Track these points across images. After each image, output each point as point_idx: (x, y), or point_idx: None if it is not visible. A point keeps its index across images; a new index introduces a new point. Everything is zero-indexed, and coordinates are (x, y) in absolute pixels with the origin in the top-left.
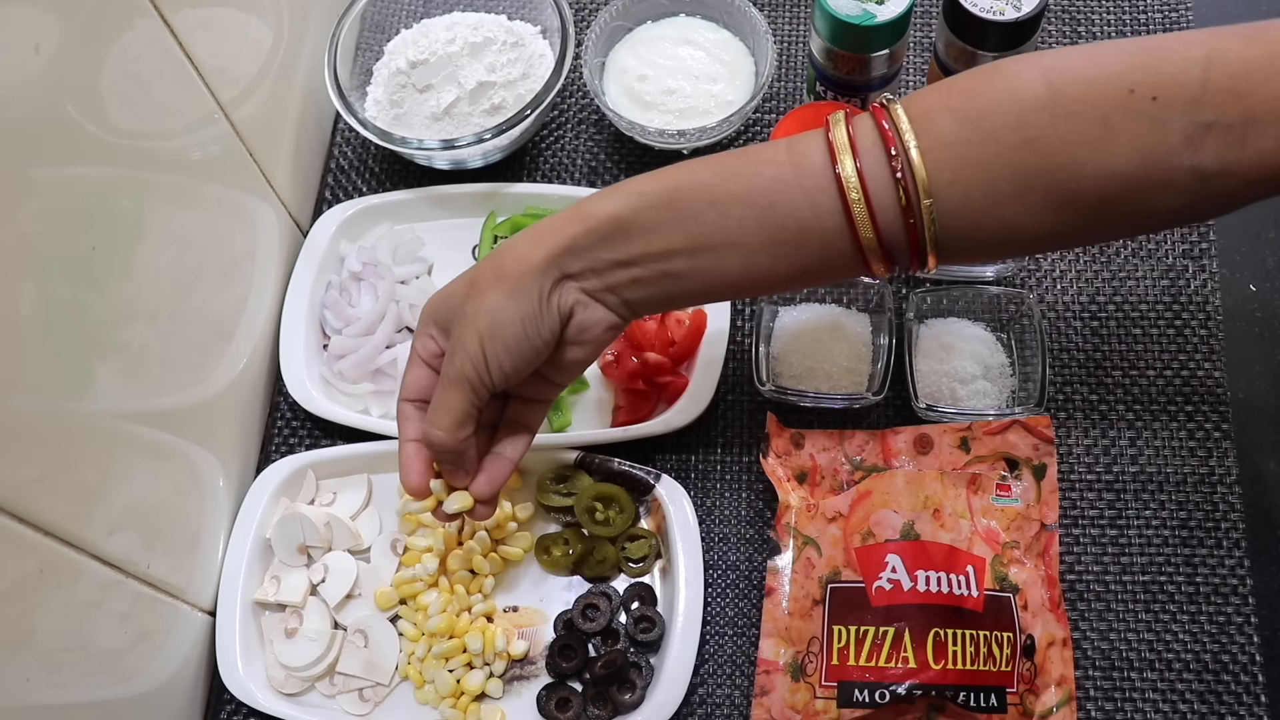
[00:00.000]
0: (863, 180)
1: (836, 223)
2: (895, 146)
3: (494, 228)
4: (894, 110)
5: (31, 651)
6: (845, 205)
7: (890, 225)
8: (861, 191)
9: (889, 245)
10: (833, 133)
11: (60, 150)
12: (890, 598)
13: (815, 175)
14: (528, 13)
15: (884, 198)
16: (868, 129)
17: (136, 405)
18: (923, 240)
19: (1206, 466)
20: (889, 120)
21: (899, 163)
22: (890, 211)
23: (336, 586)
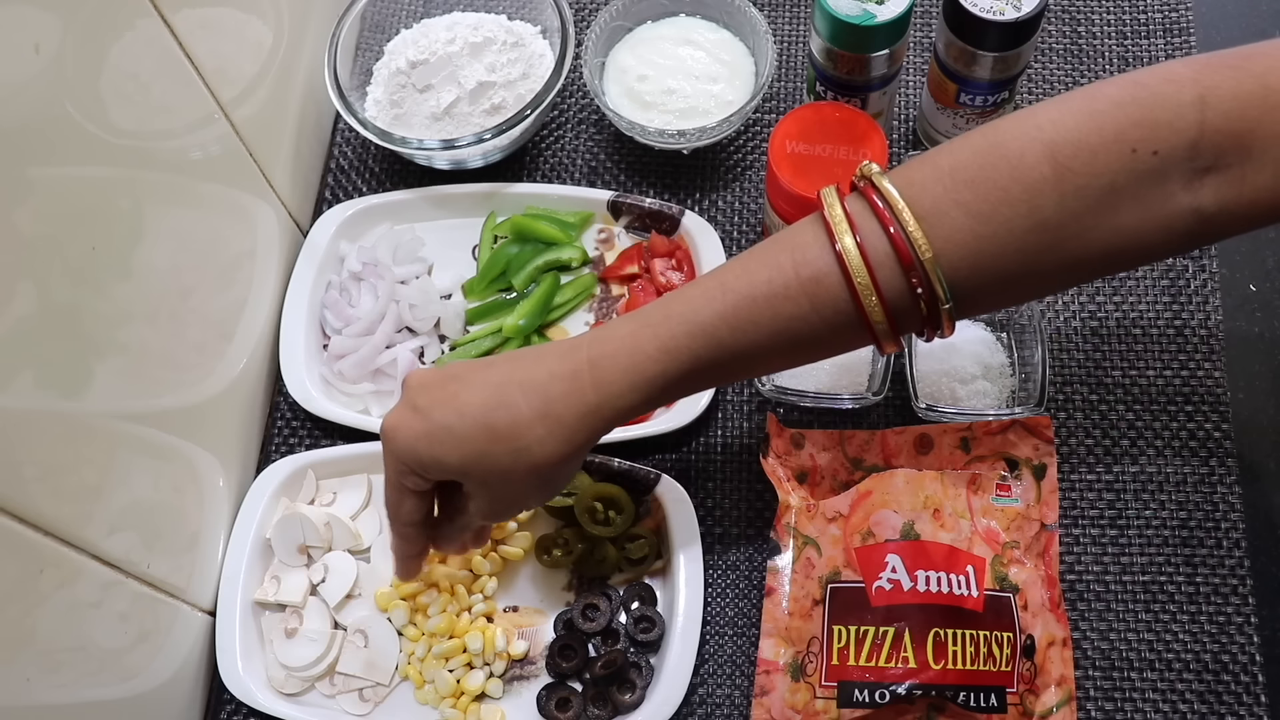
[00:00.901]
0: (886, 309)
1: (859, 338)
2: (913, 263)
3: (494, 228)
4: (907, 225)
5: (31, 651)
6: (872, 335)
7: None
8: (886, 320)
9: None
10: (830, 215)
11: (60, 150)
12: (890, 598)
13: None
14: (528, 13)
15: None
16: (881, 247)
17: (136, 405)
18: (935, 309)
19: (1207, 466)
20: (906, 238)
21: (918, 280)
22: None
23: (336, 586)
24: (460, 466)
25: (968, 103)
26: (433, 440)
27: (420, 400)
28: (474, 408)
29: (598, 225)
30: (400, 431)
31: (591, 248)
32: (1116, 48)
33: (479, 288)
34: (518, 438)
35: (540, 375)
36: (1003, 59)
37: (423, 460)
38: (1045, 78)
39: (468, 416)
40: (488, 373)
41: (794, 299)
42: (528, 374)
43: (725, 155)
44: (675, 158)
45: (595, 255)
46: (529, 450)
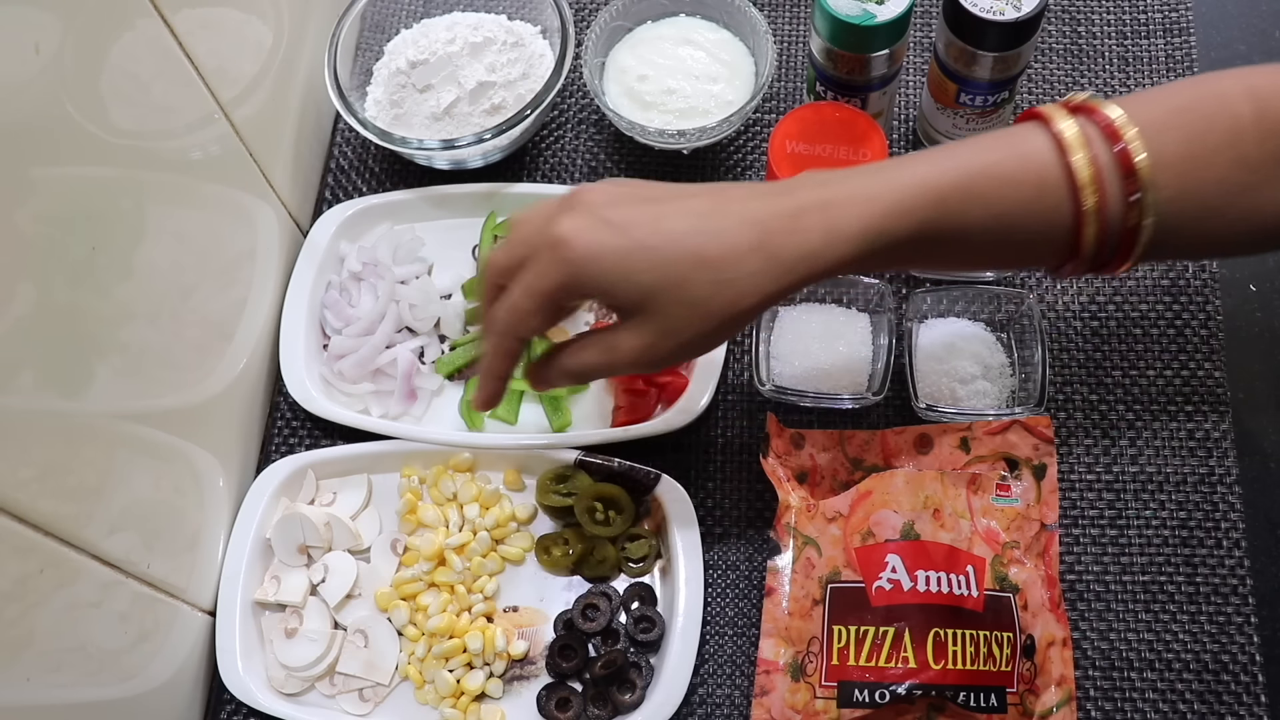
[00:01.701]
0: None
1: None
2: (1130, 172)
3: (494, 228)
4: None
5: (31, 651)
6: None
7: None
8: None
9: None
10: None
11: (60, 150)
12: (890, 598)
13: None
14: (528, 13)
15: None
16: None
17: (136, 405)
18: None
19: (1206, 466)
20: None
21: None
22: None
23: (336, 586)
24: (651, 289)
25: (968, 103)
26: (627, 257)
27: (613, 215)
28: (681, 231)
29: None
30: (584, 241)
31: None
32: (1116, 48)
33: (479, 288)
34: (727, 268)
35: (758, 209)
36: (1003, 59)
37: (607, 275)
38: (1045, 78)
39: (673, 238)
40: (690, 200)
41: (1022, 184)
42: (743, 206)
43: (725, 155)
44: (675, 158)
45: None
46: (736, 282)
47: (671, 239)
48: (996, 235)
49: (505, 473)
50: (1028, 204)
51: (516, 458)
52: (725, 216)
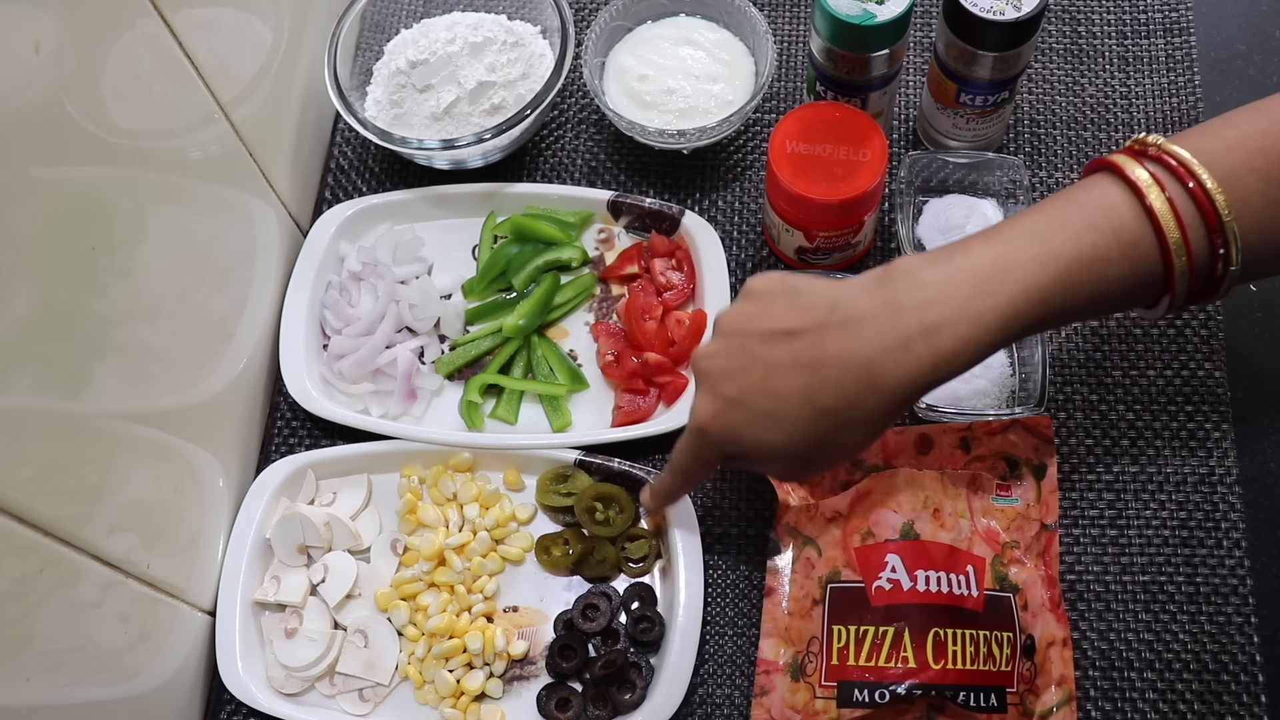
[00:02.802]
0: (1191, 265)
1: (1155, 292)
2: (1216, 227)
3: (494, 228)
4: (1207, 184)
5: (31, 651)
6: (1170, 280)
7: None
8: (1188, 268)
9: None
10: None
11: (60, 150)
12: (890, 598)
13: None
14: (528, 13)
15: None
16: (1189, 209)
17: (136, 405)
18: (1225, 280)
19: (1206, 466)
20: (1207, 197)
21: (1220, 241)
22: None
23: (336, 586)
24: (785, 447)
25: (968, 103)
26: (754, 426)
27: (729, 390)
28: (794, 391)
29: (598, 225)
30: (718, 423)
31: (591, 248)
32: (1116, 48)
33: (479, 288)
34: (847, 412)
35: (863, 348)
36: (1003, 59)
37: (745, 447)
38: (1045, 78)
39: (789, 400)
40: (794, 349)
41: (1115, 261)
42: (844, 345)
43: (725, 155)
44: (675, 158)
45: (595, 255)
46: (859, 423)
47: (786, 400)
48: (1094, 311)
49: (505, 473)
50: (1123, 277)
51: (516, 458)
52: (831, 365)
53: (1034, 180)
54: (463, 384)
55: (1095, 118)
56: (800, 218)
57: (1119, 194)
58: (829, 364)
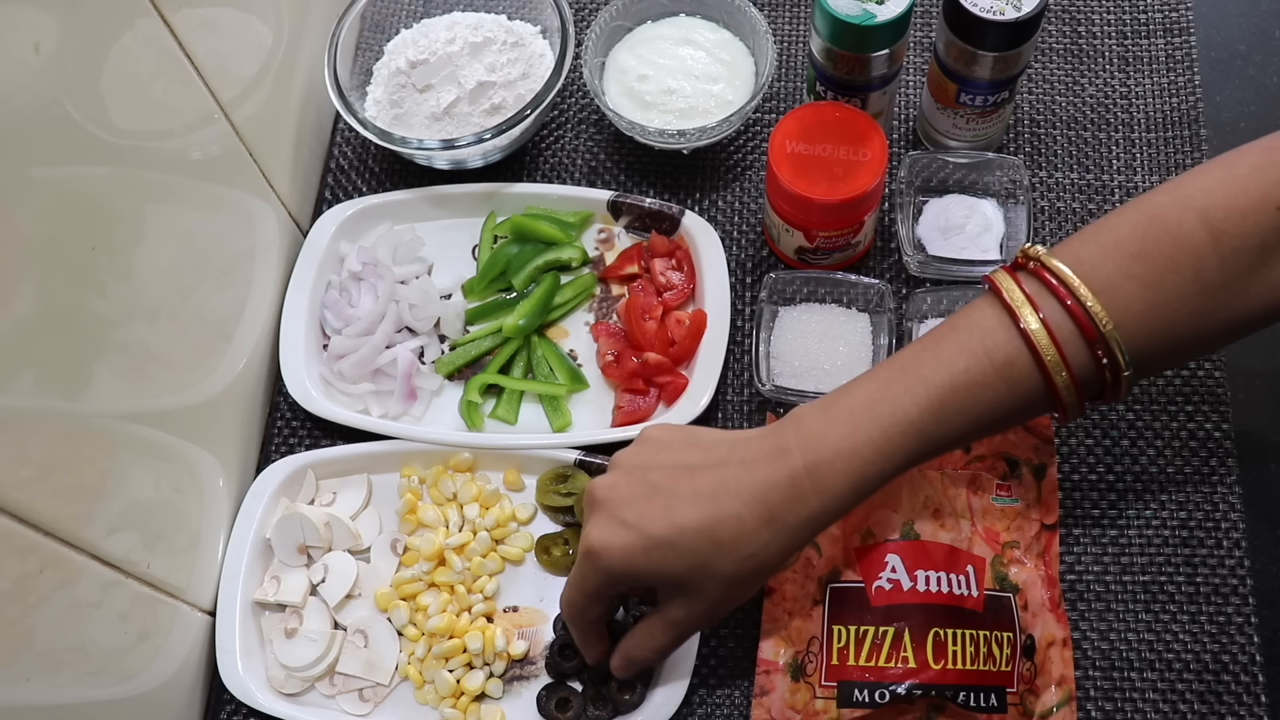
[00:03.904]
0: (1073, 381)
1: (1045, 408)
2: (1096, 338)
3: (494, 228)
4: (1078, 291)
5: (31, 651)
6: (1059, 407)
7: (1089, 381)
8: (1073, 389)
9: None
10: (1016, 307)
11: (60, 150)
12: (890, 598)
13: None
14: (528, 13)
15: (1090, 384)
16: (1062, 321)
17: (136, 405)
18: (1119, 385)
19: (1207, 466)
20: (1082, 309)
21: (1101, 351)
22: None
23: (336, 586)
24: (682, 577)
25: (968, 103)
26: (651, 555)
27: (627, 515)
28: (693, 521)
29: (598, 225)
30: (613, 548)
31: (591, 248)
32: (1116, 48)
33: (479, 288)
34: (743, 545)
35: (756, 483)
36: (1003, 59)
37: (639, 575)
38: (1045, 78)
39: (688, 530)
40: (694, 481)
41: (991, 384)
42: (742, 482)
43: (725, 155)
44: (675, 158)
45: (595, 255)
46: (756, 556)
47: (686, 532)
48: (981, 432)
49: (505, 473)
50: (1003, 399)
51: (516, 458)
52: (729, 497)
53: (1034, 180)
54: (463, 384)
55: (1095, 118)
56: (800, 218)
57: (994, 316)
58: (728, 498)
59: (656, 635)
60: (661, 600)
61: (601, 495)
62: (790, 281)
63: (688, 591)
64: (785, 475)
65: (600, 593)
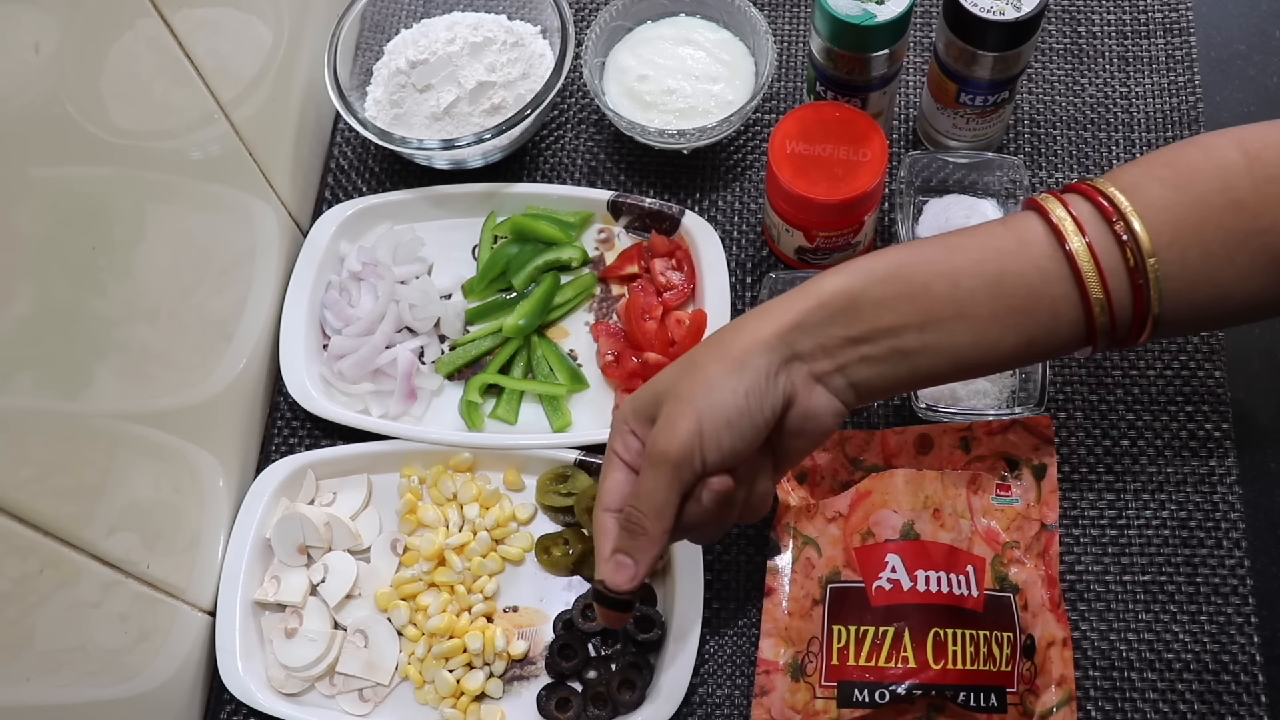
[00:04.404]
0: (1092, 251)
1: (1066, 289)
2: (1115, 216)
3: (494, 228)
4: (1104, 187)
5: (31, 651)
6: (1076, 273)
7: (1119, 289)
8: (1092, 259)
9: (1116, 310)
10: (1054, 214)
11: (60, 150)
12: (890, 598)
13: (1041, 247)
14: (528, 13)
15: (1112, 263)
16: (1083, 205)
17: (136, 405)
18: (1148, 301)
19: (1207, 466)
20: (1102, 196)
21: (1121, 227)
22: (1118, 275)
23: (336, 586)
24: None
25: (968, 103)
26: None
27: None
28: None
29: (598, 225)
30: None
31: (591, 248)
32: (1116, 48)
33: (479, 288)
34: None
35: (745, 318)
36: (1003, 59)
37: (640, 397)
38: (1045, 78)
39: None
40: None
41: (1001, 235)
42: (729, 328)
43: (725, 155)
44: (675, 158)
45: (595, 255)
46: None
47: (686, 357)
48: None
49: (505, 473)
50: (1013, 251)
51: (516, 458)
52: (723, 331)
53: (1034, 180)
54: (463, 384)
55: (1095, 118)
56: (800, 218)
57: (1028, 216)
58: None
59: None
60: None
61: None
62: (790, 282)
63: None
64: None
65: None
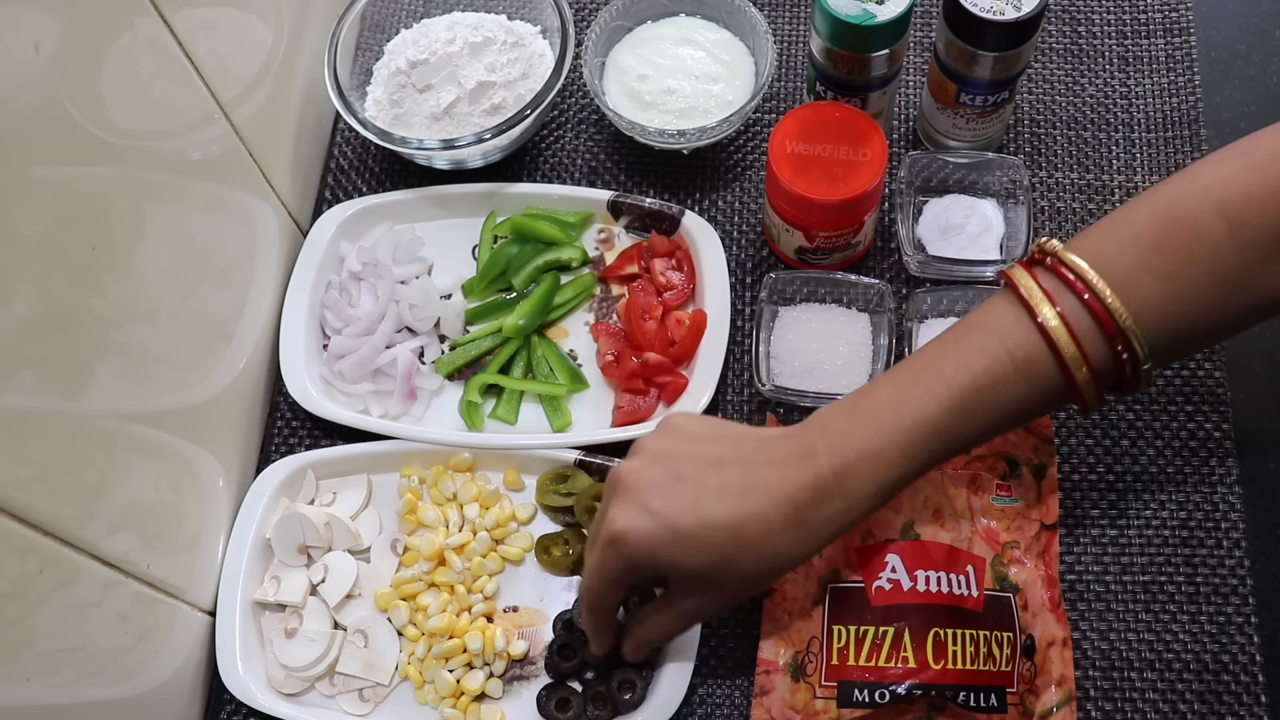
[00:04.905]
0: (1088, 364)
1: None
2: (1116, 332)
3: (494, 228)
4: (1095, 284)
5: (31, 651)
6: (1076, 392)
7: (1107, 374)
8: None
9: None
10: (1035, 305)
11: (60, 150)
12: (890, 598)
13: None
14: (528, 13)
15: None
16: (1081, 316)
17: (136, 405)
18: (1138, 377)
19: (1207, 467)
20: (1095, 297)
21: (1121, 343)
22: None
23: (336, 586)
24: (704, 571)
25: (968, 103)
26: (675, 546)
27: (654, 503)
28: (720, 516)
29: (598, 225)
30: (635, 535)
31: (591, 248)
32: (1116, 48)
33: (479, 288)
34: (767, 544)
35: (784, 483)
36: (1003, 59)
37: (660, 564)
38: (1045, 78)
39: (714, 525)
40: (722, 476)
41: (1012, 383)
42: (770, 481)
43: (725, 155)
44: (675, 158)
45: (595, 255)
46: (778, 556)
47: (712, 525)
48: (1001, 429)
49: (505, 473)
50: (1024, 397)
51: (516, 458)
52: (757, 495)
53: (1034, 180)
54: (463, 384)
55: (1095, 118)
56: (800, 218)
57: (1012, 314)
58: (755, 496)
59: (669, 623)
60: (675, 590)
61: (628, 480)
62: (790, 281)
63: (705, 584)
64: (812, 477)
65: (621, 579)
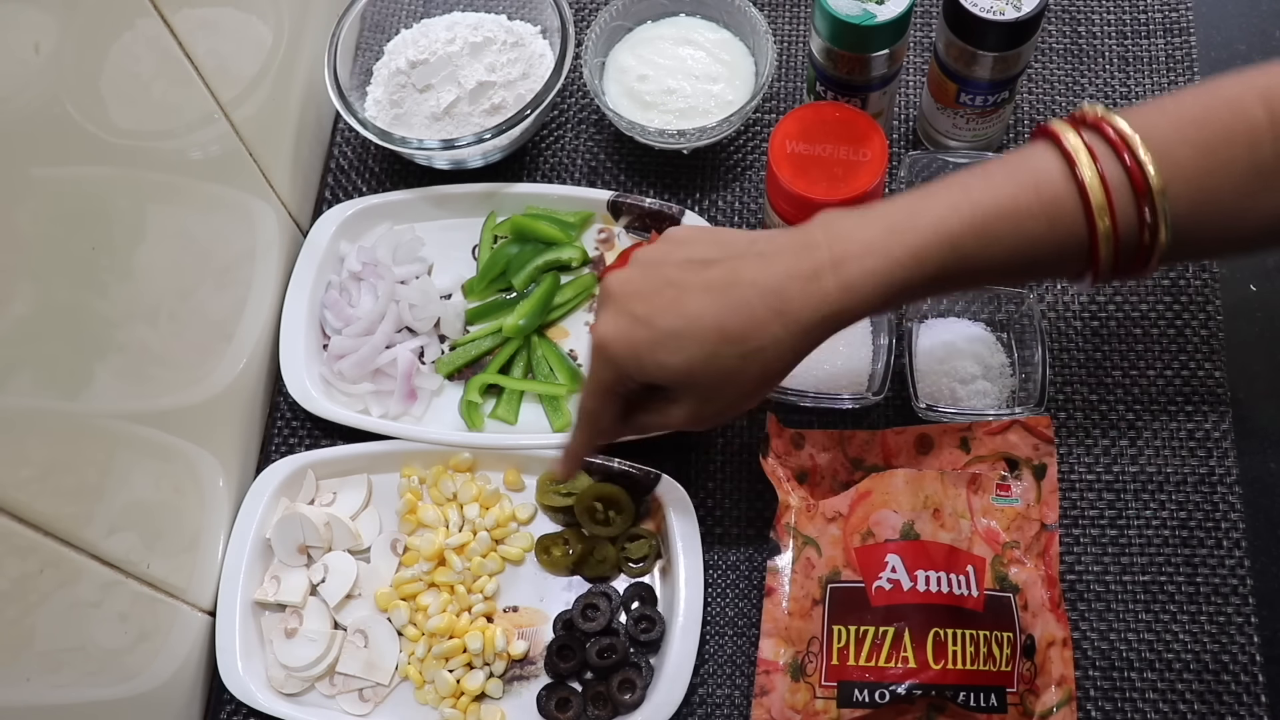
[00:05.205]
0: (1114, 224)
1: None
2: (1132, 160)
3: (494, 228)
4: (1134, 144)
5: (31, 651)
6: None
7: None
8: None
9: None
10: (1070, 148)
11: (60, 150)
12: (890, 598)
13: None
14: (528, 13)
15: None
16: (1096, 140)
17: (136, 405)
18: (1155, 249)
19: (1206, 466)
20: (1114, 132)
21: (1147, 207)
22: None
23: (336, 586)
24: (685, 369)
25: (968, 103)
26: (657, 346)
27: (638, 308)
28: (701, 311)
29: (598, 225)
30: (619, 341)
31: (591, 248)
32: (1116, 48)
33: (479, 288)
34: (751, 339)
35: (775, 274)
36: (1003, 59)
37: (645, 366)
38: (1045, 78)
39: (697, 321)
40: (708, 275)
41: (1035, 216)
42: (759, 274)
43: (725, 155)
44: (675, 158)
45: (595, 255)
46: (762, 351)
47: (694, 321)
48: (1013, 266)
49: (505, 473)
50: (1043, 235)
51: (516, 458)
52: (742, 288)
53: None
54: (463, 384)
55: None
56: (800, 218)
57: (1045, 155)
58: (741, 287)
59: (649, 417)
60: (666, 398)
61: (614, 288)
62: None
63: (691, 387)
64: (808, 268)
65: (611, 388)
